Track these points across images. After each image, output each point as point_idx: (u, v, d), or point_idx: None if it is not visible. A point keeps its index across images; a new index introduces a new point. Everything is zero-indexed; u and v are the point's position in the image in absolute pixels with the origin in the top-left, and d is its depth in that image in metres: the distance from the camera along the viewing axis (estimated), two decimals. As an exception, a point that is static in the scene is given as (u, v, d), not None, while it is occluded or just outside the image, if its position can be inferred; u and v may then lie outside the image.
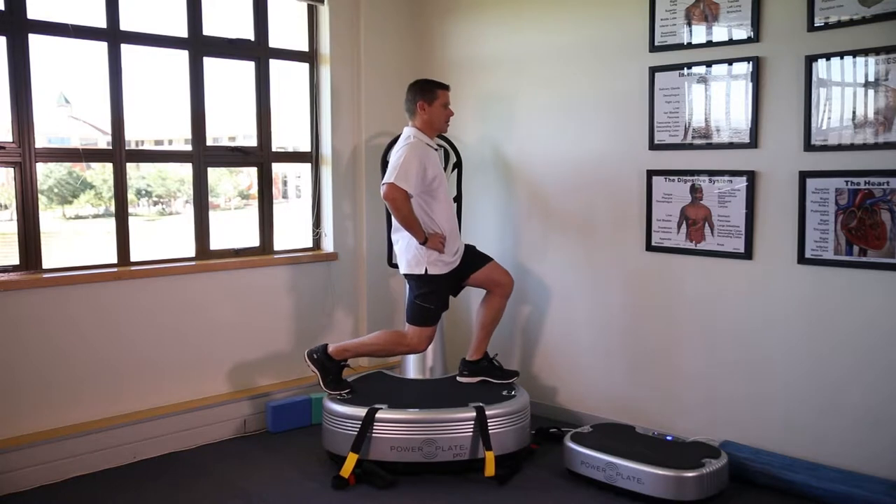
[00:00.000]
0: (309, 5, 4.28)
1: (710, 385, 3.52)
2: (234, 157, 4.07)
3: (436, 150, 3.58)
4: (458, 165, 4.21)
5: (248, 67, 4.08)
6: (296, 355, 3.82)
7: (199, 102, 3.87)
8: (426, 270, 3.46)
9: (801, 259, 3.20)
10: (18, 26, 3.31)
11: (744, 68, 3.31)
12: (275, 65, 4.16)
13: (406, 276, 3.57)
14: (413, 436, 3.29)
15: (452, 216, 3.60)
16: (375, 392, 3.59)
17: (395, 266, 3.82)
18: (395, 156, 3.45)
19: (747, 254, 3.36)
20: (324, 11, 4.27)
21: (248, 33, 4.05)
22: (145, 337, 3.64)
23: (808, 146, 3.16)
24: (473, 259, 3.66)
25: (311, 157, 4.37)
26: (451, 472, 3.35)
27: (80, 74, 3.66)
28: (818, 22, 3.09)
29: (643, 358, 3.75)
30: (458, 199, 4.14)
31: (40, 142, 3.40)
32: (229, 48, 3.97)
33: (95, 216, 3.78)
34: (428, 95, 3.53)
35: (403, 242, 3.52)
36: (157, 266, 3.71)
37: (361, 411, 3.33)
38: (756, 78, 3.27)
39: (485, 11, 4.26)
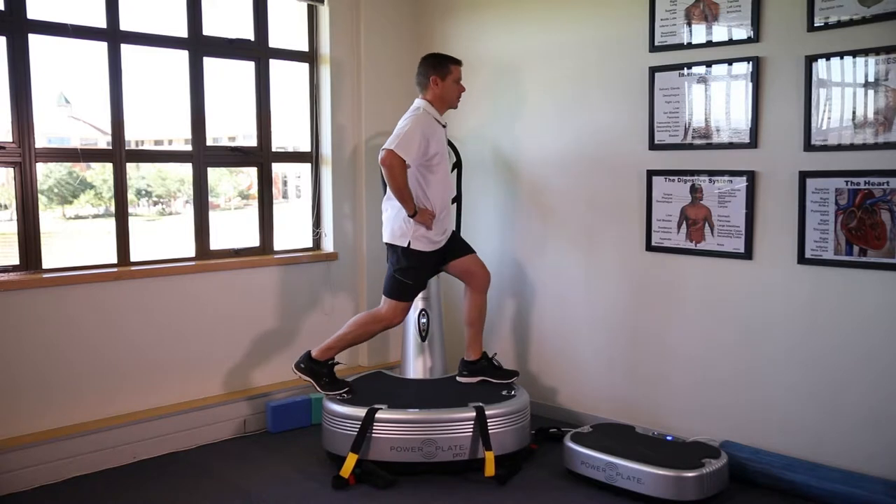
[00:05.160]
0: (309, 5, 4.28)
1: (710, 385, 3.51)
2: (234, 157, 4.07)
3: (443, 126, 3.55)
4: (458, 165, 4.20)
5: (248, 67, 4.08)
6: (296, 355, 3.80)
7: (199, 102, 3.87)
8: (409, 244, 3.44)
9: (801, 259, 3.20)
10: (18, 26, 3.31)
11: (744, 68, 3.31)
12: (275, 65, 4.16)
13: (388, 246, 3.54)
14: (413, 436, 3.29)
15: (447, 196, 3.57)
16: (375, 392, 3.59)
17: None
18: (400, 124, 3.43)
19: (747, 254, 3.36)
20: (324, 11, 4.27)
21: (248, 33, 4.05)
22: (145, 337, 3.65)
23: (808, 146, 3.16)
24: (456, 246, 3.65)
25: (311, 157, 4.37)
26: (451, 472, 3.35)
27: (80, 74, 3.65)
28: (818, 22, 3.09)
29: (643, 358, 3.75)
30: (458, 199, 4.13)
31: (40, 142, 3.40)
32: (229, 48, 3.97)
33: (95, 216, 3.78)
34: (441, 70, 3.51)
35: (392, 212, 3.50)
36: (157, 266, 3.71)
37: (361, 411, 3.33)
38: (756, 78, 3.27)
39: (484, 11, 4.26)
